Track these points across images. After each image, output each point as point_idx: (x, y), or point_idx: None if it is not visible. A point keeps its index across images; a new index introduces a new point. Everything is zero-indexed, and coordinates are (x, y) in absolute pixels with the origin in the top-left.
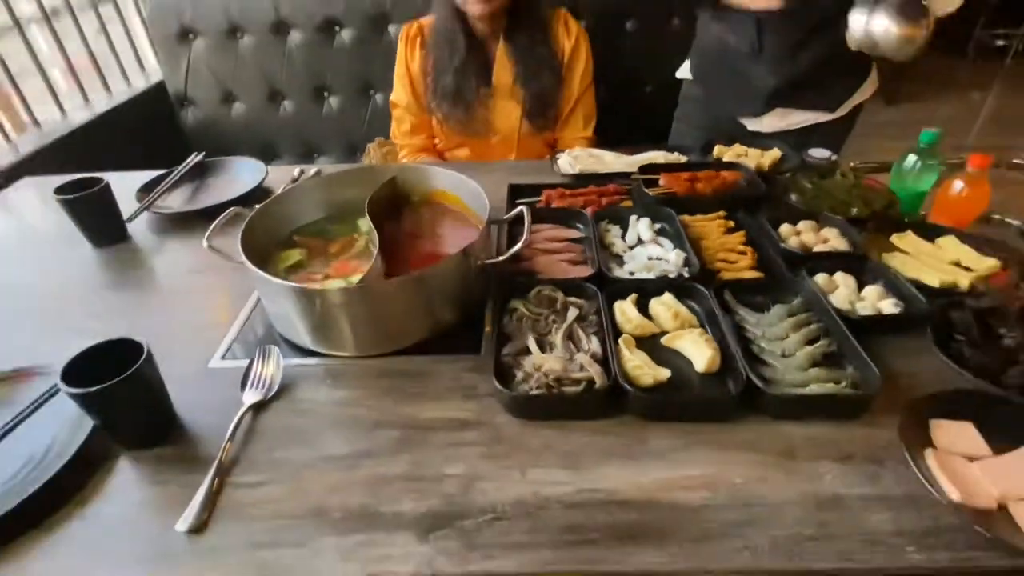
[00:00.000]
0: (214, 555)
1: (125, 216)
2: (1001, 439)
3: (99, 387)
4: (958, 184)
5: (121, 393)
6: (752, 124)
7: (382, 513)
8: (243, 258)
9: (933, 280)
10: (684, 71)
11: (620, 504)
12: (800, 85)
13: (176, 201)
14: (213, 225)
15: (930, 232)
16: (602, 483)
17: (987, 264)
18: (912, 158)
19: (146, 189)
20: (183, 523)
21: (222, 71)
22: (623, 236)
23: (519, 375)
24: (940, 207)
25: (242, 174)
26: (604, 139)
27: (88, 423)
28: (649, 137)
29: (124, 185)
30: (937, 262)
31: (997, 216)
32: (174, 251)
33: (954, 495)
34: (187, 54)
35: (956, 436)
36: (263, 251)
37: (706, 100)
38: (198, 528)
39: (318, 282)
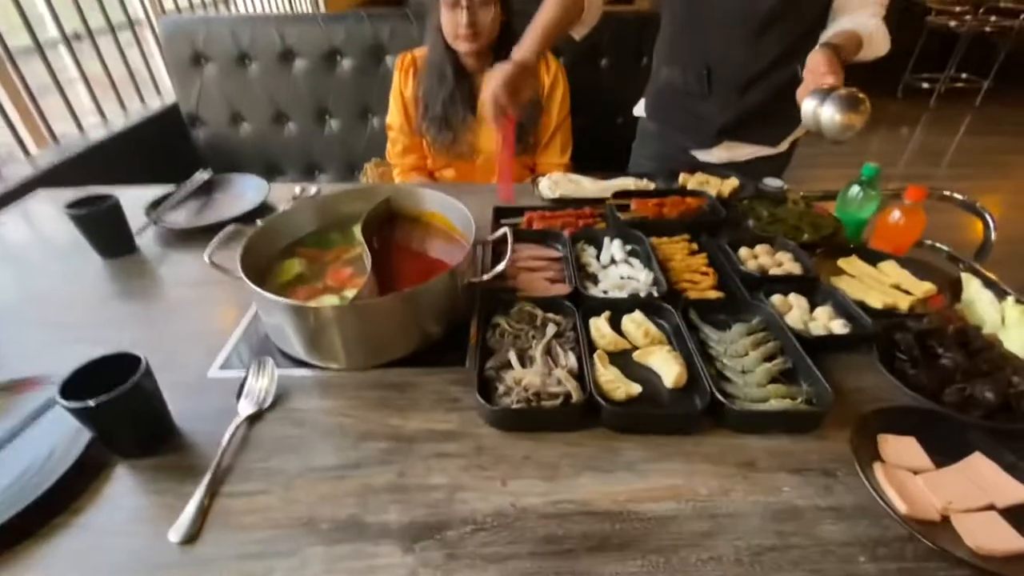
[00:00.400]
0: (204, 566)
1: (134, 229)
2: (942, 453)
3: (95, 401)
4: (896, 214)
5: (118, 406)
6: (703, 156)
7: (368, 523)
8: (241, 275)
9: (876, 302)
10: (640, 109)
11: (594, 515)
12: (745, 123)
13: (183, 216)
14: (213, 241)
15: (872, 257)
16: (577, 494)
17: (924, 287)
18: (856, 188)
19: (155, 204)
20: (175, 533)
21: (232, 94)
22: (598, 256)
23: (501, 388)
24: (880, 234)
25: (246, 191)
26: (580, 166)
27: (86, 434)
28: (620, 165)
29: (136, 199)
30: (879, 285)
31: (928, 242)
32: (179, 264)
33: (901, 507)
34: (199, 78)
35: (902, 450)
36: (263, 264)
37: (660, 135)
38: (190, 538)
39: (318, 293)
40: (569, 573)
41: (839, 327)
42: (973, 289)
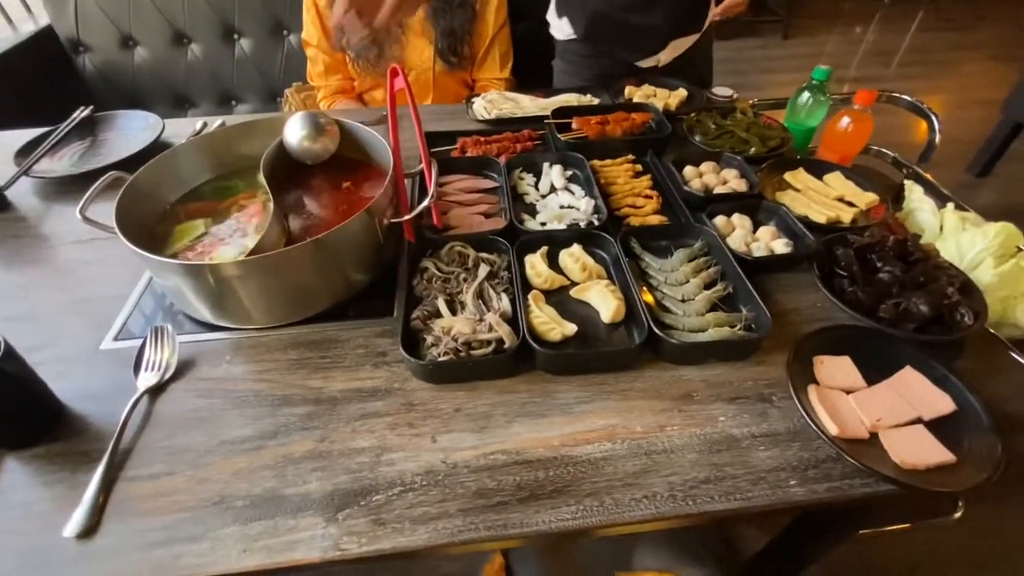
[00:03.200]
0: (105, 559)
1: (2, 181)
2: (875, 371)
3: None
4: (845, 120)
5: None
6: (647, 63)
7: (287, 496)
8: (117, 232)
9: (820, 217)
10: (561, 31)
11: (527, 463)
12: (685, 19)
13: (64, 163)
14: (88, 194)
15: (819, 169)
16: (510, 443)
17: (867, 199)
18: (805, 94)
19: (25, 151)
20: (71, 527)
21: (116, 12)
22: (536, 184)
23: (429, 339)
24: (828, 142)
25: (137, 130)
26: (522, 81)
27: None
28: None
29: (2, 146)
30: (824, 198)
31: (875, 147)
32: (61, 220)
33: (832, 428)
34: None
35: (836, 370)
36: (153, 219)
37: (596, 54)
38: (88, 531)
39: (224, 244)
40: (501, 527)
41: (781, 247)
42: (915, 197)
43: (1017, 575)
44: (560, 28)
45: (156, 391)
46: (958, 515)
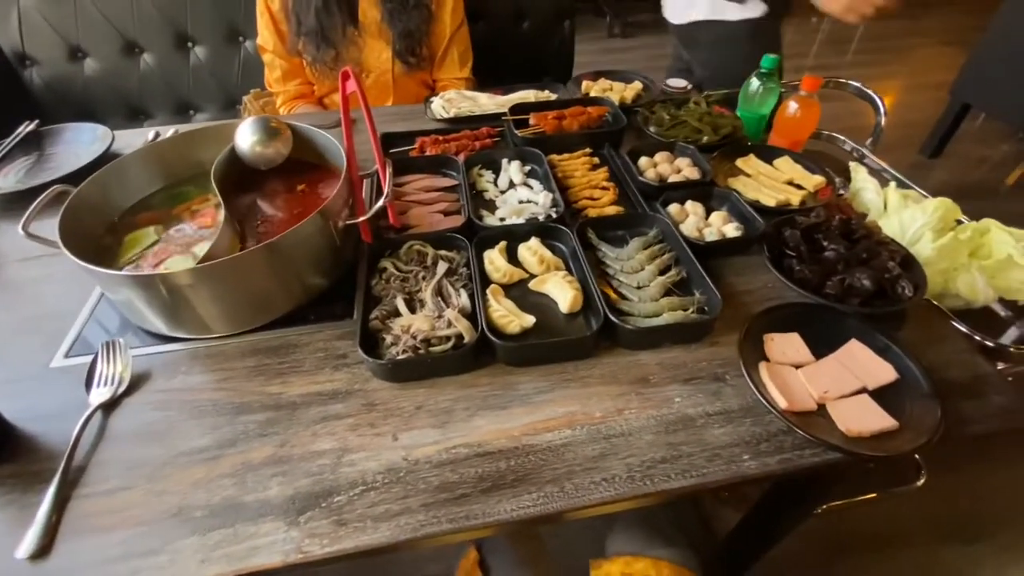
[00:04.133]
0: None
1: None
2: (822, 345)
3: None
4: (793, 106)
5: None
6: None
7: (247, 503)
8: (61, 247)
9: (770, 200)
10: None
11: (488, 455)
12: None
13: (8, 180)
14: (31, 208)
15: (769, 154)
16: (472, 436)
17: (814, 181)
18: (755, 83)
19: None
20: (24, 549)
21: (61, 23)
22: (496, 181)
23: (388, 339)
24: (778, 128)
25: (85, 143)
26: (483, 80)
27: None
28: (527, 77)
29: None
30: (774, 183)
31: (825, 132)
32: (4, 239)
33: (781, 402)
34: (15, 4)
35: (785, 347)
36: (100, 231)
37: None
38: (41, 552)
39: (178, 250)
40: (463, 519)
41: (732, 231)
42: (860, 178)
43: (979, 536)
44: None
45: (110, 406)
46: (921, 482)
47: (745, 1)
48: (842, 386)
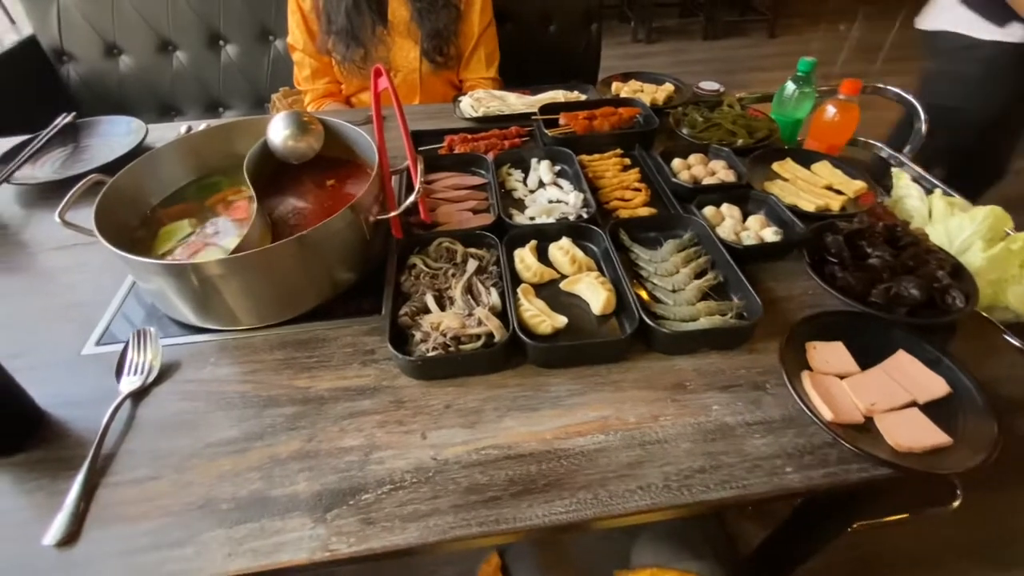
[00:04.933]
0: (86, 567)
1: None
2: (868, 354)
3: None
4: (831, 110)
5: None
6: None
7: (274, 497)
8: (97, 234)
9: (809, 205)
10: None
11: (519, 457)
12: None
13: (47, 169)
14: (68, 197)
15: (806, 158)
16: (502, 437)
17: (855, 186)
18: (791, 86)
19: (7, 158)
20: (51, 535)
21: (99, 20)
22: (525, 180)
23: (417, 335)
24: (815, 133)
25: (120, 135)
26: (509, 81)
27: None
28: (553, 78)
29: None
30: (812, 187)
31: (861, 139)
32: (42, 226)
33: (826, 414)
34: (55, 1)
35: (829, 356)
36: (135, 221)
37: None
38: (67, 539)
39: (211, 241)
40: (493, 522)
41: (771, 235)
42: (903, 184)
43: (1016, 563)
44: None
45: (139, 395)
46: (956, 504)
47: (1006, 24)
48: (891, 399)
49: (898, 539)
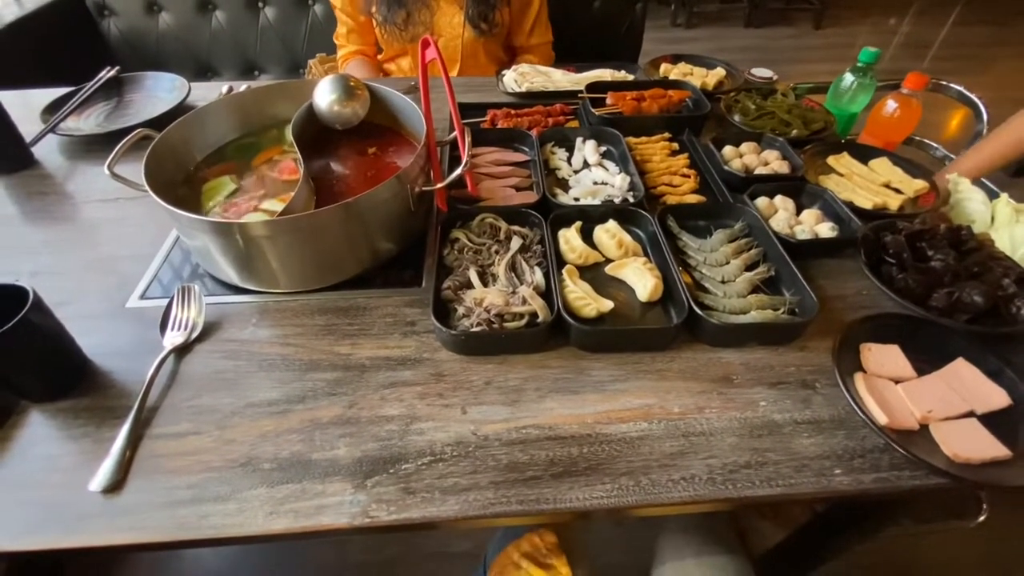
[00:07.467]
0: (130, 515)
1: (28, 138)
2: (925, 360)
3: None
4: (891, 104)
5: (4, 345)
6: None
7: (315, 461)
8: (146, 187)
9: (866, 203)
10: None
11: (560, 439)
12: None
13: (91, 122)
14: (117, 149)
15: (864, 153)
16: (543, 418)
17: (916, 186)
18: (849, 77)
19: (52, 109)
20: (97, 482)
21: None
22: (569, 159)
23: (460, 310)
24: (872, 127)
25: (163, 91)
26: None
27: None
28: (594, 57)
29: (29, 103)
30: (870, 184)
31: (917, 138)
32: (87, 178)
33: (881, 418)
34: None
35: (884, 359)
36: (180, 176)
37: None
38: (113, 486)
39: (256, 202)
40: (533, 501)
41: (826, 230)
42: (964, 188)
43: None
44: None
45: (182, 351)
46: (982, 518)
47: None
48: (948, 407)
49: (915, 548)
